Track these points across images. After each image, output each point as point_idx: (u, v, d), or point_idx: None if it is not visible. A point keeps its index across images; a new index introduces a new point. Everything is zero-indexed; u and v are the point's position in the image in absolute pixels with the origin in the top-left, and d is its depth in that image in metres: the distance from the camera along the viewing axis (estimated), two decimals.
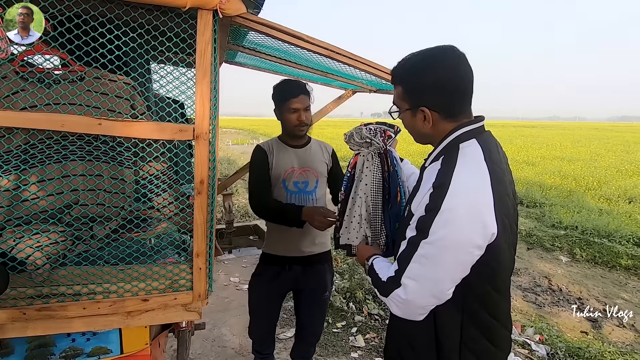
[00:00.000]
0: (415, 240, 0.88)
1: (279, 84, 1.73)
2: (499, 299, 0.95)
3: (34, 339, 1.10)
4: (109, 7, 1.00)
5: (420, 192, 0.92)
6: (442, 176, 0.87)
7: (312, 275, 1.78)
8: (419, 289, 0.88)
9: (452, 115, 0.93)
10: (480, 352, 0.95)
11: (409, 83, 0.94)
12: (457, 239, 0.83)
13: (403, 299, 0.89)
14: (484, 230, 0.84)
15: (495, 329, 0.96)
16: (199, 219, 1.13)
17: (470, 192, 0.84)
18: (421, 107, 0.92)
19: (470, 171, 0.87)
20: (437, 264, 0.85)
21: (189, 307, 1.19)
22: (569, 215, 6.04)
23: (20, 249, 0.99)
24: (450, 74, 0.90)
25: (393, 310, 0.94)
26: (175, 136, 1.07)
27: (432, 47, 0.93)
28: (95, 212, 1.08)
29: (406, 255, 0.90)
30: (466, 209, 0.83)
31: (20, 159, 0.98)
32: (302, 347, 1.92)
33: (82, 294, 1.07)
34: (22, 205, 1.00)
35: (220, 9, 1.05)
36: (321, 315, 1.87)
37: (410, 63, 0.95)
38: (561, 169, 10.84)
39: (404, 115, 0.99)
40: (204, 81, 1.07)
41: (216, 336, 2.66)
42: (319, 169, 1.74)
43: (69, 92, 1.02)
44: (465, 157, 0.88)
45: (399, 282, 0.90)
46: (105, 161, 1.07)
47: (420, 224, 0.87)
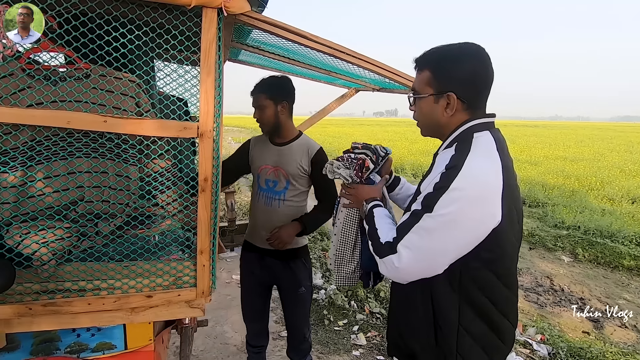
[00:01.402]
0: (419, 213, 0.90)
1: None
2: (499, 286, 0.95)
3: (40, 334, 1.11)
4: (115, 5, 1.01)
5: (432, 174, 0.95)
6: (456, 160, 0.89)
7: (285, 270, 1.81)
8: (412, 258, 0.90)
9: (473, 108, 0.95)
10: (478, 336, 0.96)
11: (442, 68, 0.95)
12: (462, 217, 0.85)
13: (396, 266, 0.92)
14: (489, 216, 0.86)
15: (494, 315, 0.96)
16: (203, 217, 1.13)
17: (481, 177, 0.86)
18: (449, 92, 0.93)
19: (483, 157, 0.89)
20: (435, 238, 0.87)
21: (193, 303, 1.20)
22: (571, 215, 6.02)
23: (27, 244, 0.99)
24: (484, 69, 0.93)
25: (382, 270, 0.97)
26: (179, 134, 1.07)
27: (464, 41, 0.96)
28: (100, 209, 1.09)
29: (407, 225, 0.92)
30: (475, 192, 0.85)
31: (27, 156, 0.99)
32: (292, 343, 1.95)
33: (87, 290, 1.08)
34: (28, 201, 1.01)
35: (225, 7, 1.05)
36: (301, 310, 1.88)
37: (444, 51, 0.96)
38: (564, 168, 10.80)
39: (424, 101, 0.99)
40: (208, 79, 1.08)
41: (218, 333, 2.67)
42: (291, 171, 1.70)
43: (74, 89, 1.02)
44: (479, 145, 0.91)
45: (395, 248, 0.92)
46: (110, 158, 1.08)
47: (426, 200, 0.90)
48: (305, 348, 1.94)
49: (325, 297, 3.19)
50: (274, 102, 1.67)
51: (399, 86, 1.90)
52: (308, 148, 1.73)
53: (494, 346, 0.98)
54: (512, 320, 1.02)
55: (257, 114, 1.68)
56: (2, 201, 0.99)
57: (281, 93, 1.68)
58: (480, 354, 0.97)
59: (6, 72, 0.96)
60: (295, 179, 1.72)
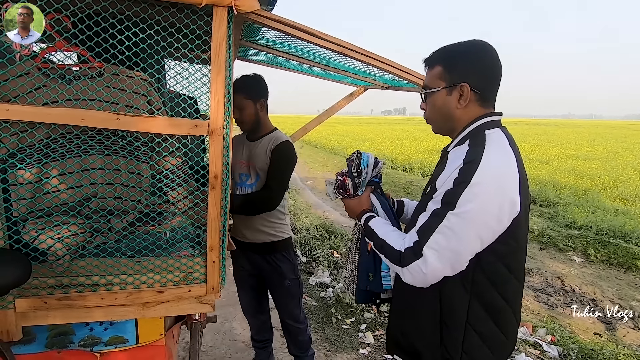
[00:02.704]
0: (441, 212, 0.89)
1: None
2: (511, 281, 0.95)
3: (54, 327, 1.13)
4: (127, 5, 1.02)
5: (447, 170, 0.93)
6: (472, 154, 0.90)
7: (267, 264, 1.85)
8: (439, 260, 0.89)
9: (485, 100, 0.97)
10: (485, 335, 0.95)
11: (453, 62, 0.97)
12: (485, 212, 0.86)
13: (423, 272, 0.90)
14: (511, 207, 0.87)
15: (504, 312, 0.96)
16: (213, 213, 1.14)
17: (500, 170, 0.88)
18: (463, 83, 0.95)
19: (499, 152, 0.91)
20: (462, 236, 0.87)
21: (203, 299, 1.22)
22: (583, 215, 5.92)
23: (42, 240, 1.02)
24: (493, 62, 0.97)
25: (406, 278, 0.94)
26: (190, 131, 1.09)
27: (471, 39, 1.00)
28: (113, 205, 1.11)
29: (429, 226, 0.91)
30: (496, 184, 0.86)
31: (42, 153, 1.01)
32: (288, 336, 1.99)
33: (100, 285, 1.10)
34: (43, 197, 1.03)
35: (235, 6, 1.06)
36: (290, 304, 1.90)
37: (454, 46, 0.99)
38: (576, 167, 10.61)
39: (437, 95, 1.00)
40: (218, 77, 1.09)
41: (227, 329, 2.70)
42: (259, 164, 1.74)
43: (88, 87, 1.04)
44: (493, 141, 0.92)
45: (420, 253, 0.90)
46: (122, 155, 1.09)
47: (447, 196, 0.89)
48: (304, 341, 1.96)
49: (333, 295, 3.20)
50: (252, 101, 1.71)
51: (408, 84, 1.89)
52: (274, 140, 1.75)
53: (499, 343, 0.98)
54: (518, 316, 1.02)
55: (237, 113, 1.71)
56: (19, 197, 1.01)
57: (258, 91, 1.73)
58: (486, 352, 0.97)
59: (23, 71, 0.99)
60: (263, 171, 1.75)
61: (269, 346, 2.09)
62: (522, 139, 21.70)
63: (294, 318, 1.92)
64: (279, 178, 1.72)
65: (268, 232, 1.81)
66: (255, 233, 1.81)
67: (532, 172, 9.63)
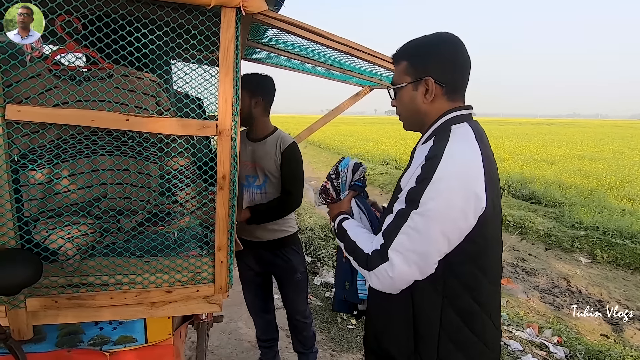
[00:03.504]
0: (405, 212, 0.86)
1: None
2: (483, 281, 0.91)
3: (64, 327, 1.14)
4: (137, 6, 1.03)
5: (411, 168, 0.92)
6: (435, 150, 0.87)
7: (277, 259, 1.86)
8: (406, 262, 0.85)
9: (452, 93, 0.94)
10: (461, 343, 0.90)
11: (417, 56, 0.95)
12: (449, 207, 0.82)
13: (390, 276, 0.86)
14: (475, 202, 0.83)
15: (478, 317, 0.91)
16: (221, 213, 1.15)
17: (463, 163, 0.84)
18: (427, 77, 0.93)
19: (462, 145, 0.87)
20: (426, 236, 0.83)
21: (211, 299, 1.22)
22: (589, 215, 5.88)
23: (53, 240, 1.03)
24: (459, 53, 0.93)
25: (373, 283, 0.90)
26: (199, 132, 1.09)
27: (439, 31, 0.97)
28: (122, 206, 1.12)
29: (393, 227, 0.87)
30: (459, 179, 0.83)
31: (53, 154, 1.02)
32: (295, 333, 2.00)
33: (110, 284, 1.11)
34: (54, 198, 1.04)
35: (243, 7, 1.06)
36: (300, 297, 1.93)
37: (419, 40, 0.97)
38: (582, 167, 10.54)
39: (404, 91, 0.98)
40: (226, 78, 1.09)
41: (232, 329, 2.71)
42: (267, 166, 1.75)
43: (98, 89, 1.05)
44: (457, 135, 0.89)
45: (385, 256, 0.86)
46: (132, 156, 1.10)
47: (410, 194, 0.86)
48: (309, 337, 1.98)
49: None
50: (248, 96, 1.72)
51: None
52: (281, 142, 1.77)
53: (478, 352, 0.93)
54: (497, 322, 0.97)
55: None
56: (30, 197, 1.02)
57: (258, 89, 1.75)
58: (457, 354, 0.91)
59: (34, 72, 0.99)
60: (271, 173, 1.77)
61: (275, 346, 2.10)
62: (527, 139, 21.57)
63: (301, 313, 1.95)
64: (297, 181, 1.76)
65: (278, 229, 1.84)
66: (265, 232, 1.83)
67: (537, 172, 9.57)
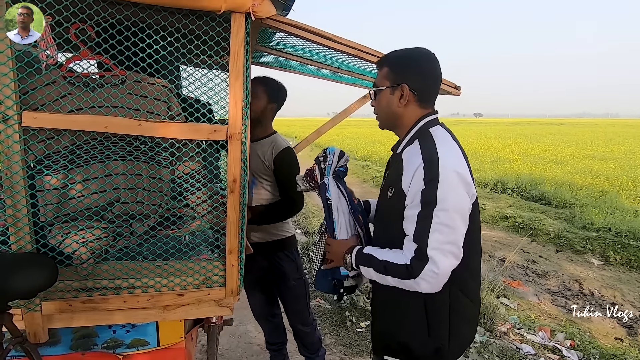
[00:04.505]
0: (427, 214, 0.95)
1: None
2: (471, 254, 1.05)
3: (79, 330, 1.16)
4: (149, 14, 1.04)
5: (408, 171, 1.01)
6: (428, 152, 1.00)
7: (271, 266, 1.84)
8: (444, 255, 0.95)
9: (424, 101, 1.09)
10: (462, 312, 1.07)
11: (397, 64, 1.09)
12: (460, 198, 0.97)
13: (436, 273, 0.95)
14: (470, 189, 1.00)
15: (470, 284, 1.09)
16: (232, 217, 1.16)
17: (455, 161, 0.99)
18: (402, 84, 1.06)
19: (448, 146, 1.02)
20: (453, 226, 0.95)
21: (222, 302, 1.23)
22: (601, 216, 5.79)
23: (67, 244, 1.04)
24: (433, 68, 1.09)
25: (422, 287, 0.97)
26: (209, 136, 1.10)
27: (417, 46, 1.12)
28: (134, 210, 1.13)
29: (422, 230, 0.96)
30: (457, 173, 0.97)
31: (67, 159, 1.04)
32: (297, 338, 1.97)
33: (123, 288, 1.12)
34: (69, 202, 1.06)
35: (253, 12, 1.07)
36: (296, 304, 1.89)
37: (400, 52, 1.12)
38: (592, 168, 10.38)
39: (383, 93, 1.11)
40: (237, 83, 1.10)
41: (242, 332, 2.71)
42: (254, 166, 1.73)
43: (111, 95, 1.07)
44: (439, 138, 1.03)
45: (425, 257, 0.95)
46: (144, 161, 1.11)
47: (424, 196, 0.96)
48: (313, 342, 1.96)
49: (347, 298, 3.19)
50: (267, 98, 1.74)
51: None
52: (274, 146, 1.75)
53: (472, 312, 1.11)
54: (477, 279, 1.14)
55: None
56: (46, 202, 1.04)
57: (277, 95, 1.78)
58: (465, 327, 1.09)
59: (49, 80, 1.01)
60: (259, 174, 1.75)
61: (284, 349, 2.10)
62: (536, 140, 21.32)
63: (301, 321, 1.92)
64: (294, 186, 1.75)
65: (269, 231, 1.80)
66: (257, 233, 1.79)
67: (546, 173, 9.46)
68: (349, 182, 1.59)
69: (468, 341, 1.13)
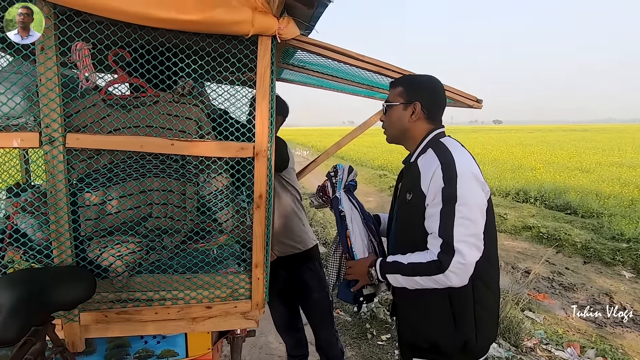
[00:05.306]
0: (449, 209, 1.03)
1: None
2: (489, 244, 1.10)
3: (113, 340, 1.21)
4: (181, 39, 1.10)
5: (426, 174, 1.09)
6: (443, 156, 1.09)
7: (293, 279, 1.84)
8: (470, 247, 1.02)
9: (432, 119, 1.21)
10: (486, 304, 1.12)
11: (411, 85, 1.22)
12: (477, 193, 1.06)
13: (463, 263, 1.01)
14: (484, 187, 1.09)
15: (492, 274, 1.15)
16: (258, 231, 1.19)
17: (469, 162, 1.09)
18: (415, 101, 1.18)
19: (461, 152, 1.12)
20: (474, 220, 1.03)
21: (248, 315, 1.26)
22: (631, 226, 5.55)
23: (104, 257, 1.10)
24: (441, 94, 1.24)
25: (452, 281, 1.03)
26: (237, 154, 1.14)
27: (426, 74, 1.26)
28: (166, 225, 1.18)
29: (447, 225, 1.02)
30: (472, 172, 1.06)
31: (106, 177, 1.10)
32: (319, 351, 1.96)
33: (154, 300, 1.17)
34: (106, 218, 1.12)
35: (279, 34, 1.12)
36: (319, 317, 1.88)
37: (415, 76, 1.27)
38: (620, 175, 9.99)
39: (395, 108, 1.22)
40: (263, 102, 1.14)
41: (263, 343, 2.73)
42: None
43: (146, 116, 1.13)
44: (451, 145, 1.13)
45: (452, 250, 1.01)
46: (175, 178, 1.17)
47: (445, 194, 1.03)
48: (336, 355, 1.95)
49: (367, 310, 3.16)
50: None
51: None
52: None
53: (496, 305, 1.17)
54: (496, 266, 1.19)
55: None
56: (86, 218, 1.10)
57: (282, 109, 1.84)
58: (489, 320, 1.13)
59: (90, 103, 1.08)
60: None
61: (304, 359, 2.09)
62: (559, 147, 20.73)
63: (324, 334, 1.91)
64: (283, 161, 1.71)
65: (288, 244, 1.79)
66: (277, 246, 1.78)
67: (571, 181, 9.17)
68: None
69: (493, 336, 1.17)
